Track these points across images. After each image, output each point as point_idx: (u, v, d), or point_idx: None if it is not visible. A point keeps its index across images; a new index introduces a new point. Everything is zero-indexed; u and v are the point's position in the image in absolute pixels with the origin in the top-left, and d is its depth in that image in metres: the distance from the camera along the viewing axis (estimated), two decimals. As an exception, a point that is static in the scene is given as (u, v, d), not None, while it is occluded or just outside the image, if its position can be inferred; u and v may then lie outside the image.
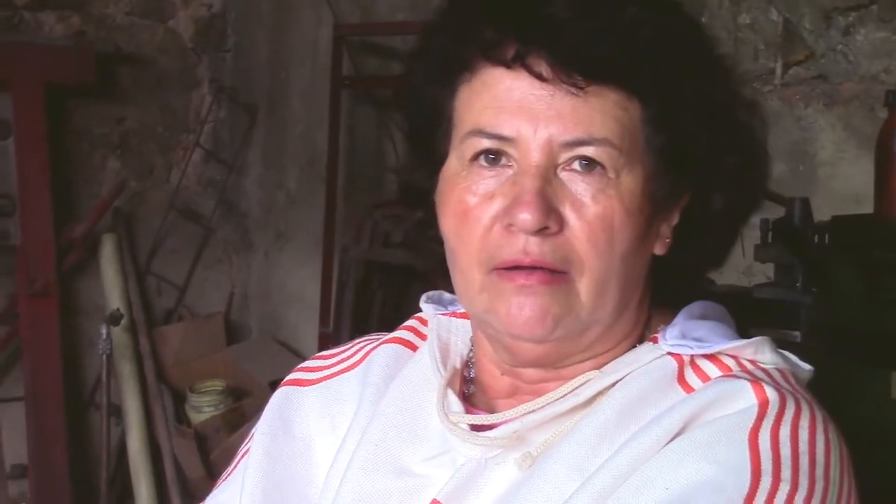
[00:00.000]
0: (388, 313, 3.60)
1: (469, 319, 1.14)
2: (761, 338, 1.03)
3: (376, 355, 1.20)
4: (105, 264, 4.18)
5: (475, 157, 1.01)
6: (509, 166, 1.00)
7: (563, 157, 0.99)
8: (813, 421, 0.97)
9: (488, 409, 1.09)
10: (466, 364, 1.14)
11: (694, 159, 1.03)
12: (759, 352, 1.03)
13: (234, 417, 3.96)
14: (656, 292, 1.10)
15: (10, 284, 3.99)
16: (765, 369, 1.02)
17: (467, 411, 1.08)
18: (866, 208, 2.17)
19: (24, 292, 3.90)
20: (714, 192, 1.06)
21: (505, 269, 1.00)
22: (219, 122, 4.51)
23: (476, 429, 1.05)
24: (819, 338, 2.02)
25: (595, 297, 1.01)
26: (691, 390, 1.01)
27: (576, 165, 0.99)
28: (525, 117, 0.98)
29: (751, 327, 1.20)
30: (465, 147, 1.02)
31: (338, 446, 1.14)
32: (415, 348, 1.19)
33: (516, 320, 1.00)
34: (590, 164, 0.99)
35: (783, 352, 1.05)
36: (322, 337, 3.79)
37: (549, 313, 1.00)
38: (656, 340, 1.06)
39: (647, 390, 1.01)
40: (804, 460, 0.94)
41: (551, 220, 0.98)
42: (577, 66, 0.97)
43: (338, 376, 1.21)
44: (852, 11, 2.74)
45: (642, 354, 1.05)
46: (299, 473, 1.17)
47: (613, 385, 1.03)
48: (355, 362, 1.22)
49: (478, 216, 1.01)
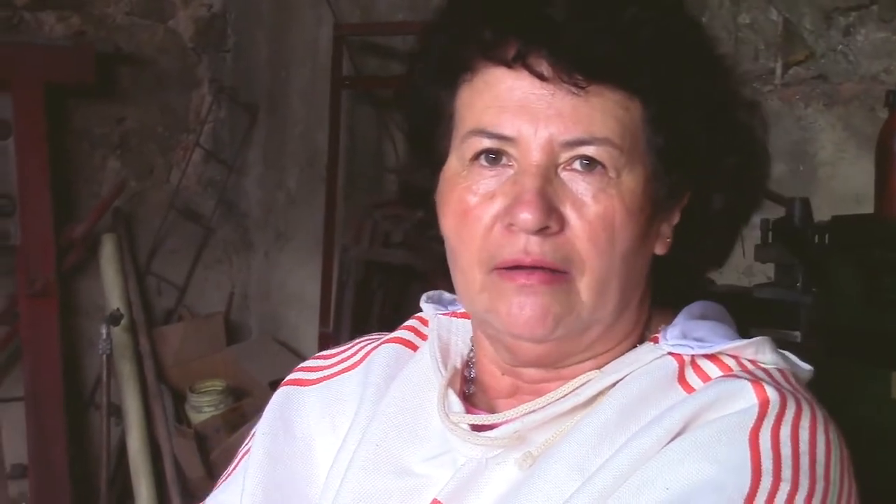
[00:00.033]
0: (388, 313, 3.60)
1: (469, 319, 1.15)
2: (762, 338, 1.03)
3: (377, 355, 1.20)
4: (105, 264, 4.18)
5: (476, 157, 1.01)
6: (510, 166, 1.00)
7: (564, 156, 0.99)
8: (814, 421, 0.97)
9: (489, 409, 1.09)
10: (467, 364, 1.14)
11: (694, 159, 1.03)
12: (759, 352, 1.03)
13: (234, 417, 3.96)
14: (657, 292, 1.10)
15: (10, 284, 3.99)
16: (765, 369, 1.02)
17: (468, 411, 1.08)
18: (866, 208, 2.17)
19: (24, 292, 3.89)
20: (714, 191, 1.07)
21: (506, 268, 1.00)
22: (219, 122, 4.51)
23: (476, 429, 1.05)
24: (819, 338, 2.02)
25: (596, 297, 1.01)
26: (692, 390, 1.01)
27: (576, 165, 0.99)
28: (526, 117, 0.98)
29: (751, 327, 1.19)
30: (466, 147, 1.02)
31: (338, 446, 1.14)
32: (415, 348, 1.19)
33: (517, 320, 1.00)
34: (590, 163, 0.99)
35: (783, 352, 1.05)
36: (322, 337, 3.78)
37: (550, 313, 1.00)
38: (657, 340, 1.06)
39: (648, 390, 1.01)
40: (805, 460, 0.94)
41: (552, 220, 0.98)
42: (577, 65, 0.97)
43: (338, 376, 1.21)
44: (852, 11, 2.73)
45: (643, 354, 1.05)
46: (300, 473, 1.17)
47: (614, 385, 1.03)
48: (356, 362, 1.22)
49: (478, 216, 1.01)
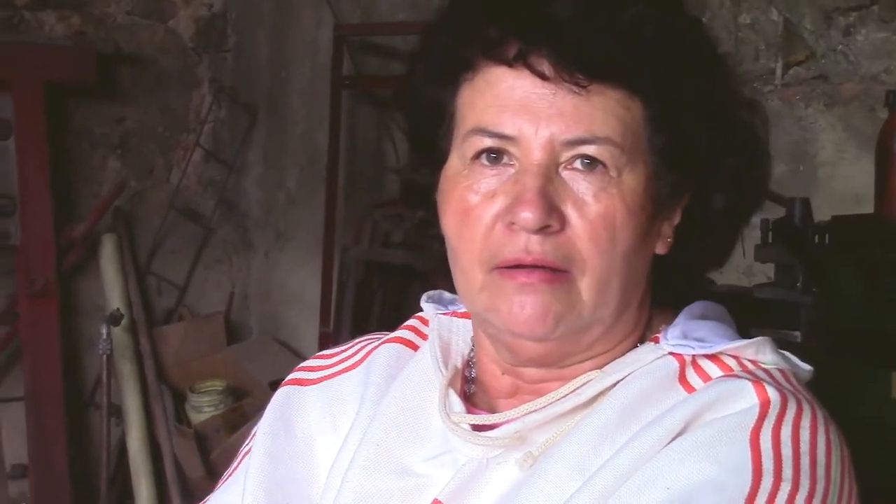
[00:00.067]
0: (389, 313, 3.60)
1: (470, 319, 1.15)
2: (762, 338, 1.03)
3: (377, 355, 1.20)
4: (105, 264, 4.18)
5: (477, 156, 1.01)
6: (511, 165, 1.00)
7: (565, 155, 0.99)
8: (814, 421, 0.97)
9: (489, 408, 1.09)
10: (467, 364, 1.14)
11: (695, 158, 1.03)
12: (760, 352, 1.02)
13: (235, 417, 3.96)
14: (657, 292, 1.10)
15: (10, 284, 3.99)
16: (766, 369, 1.02)
17: (468, 411, 1.08)
18: (866, 208, 2.17)
19: (24, 292, 3.89)
20: (715, 191, 1.06)
21: (506, 267, 1.00)
22: (219, 122, 4.51)
23: (477, 429, 1.05)
24: (819, 338, 2.02)
25: (597, 296, 1.00)
26: (693, 390, 1.01)
27: (577, 164, 0.99)
28: (527, 116, 0.98)
29: (751, 327, 1.19)
30: (467, 146, 1.02)
31: (339, 446, 1.14)
32: (416, 348, 1.19)
33: (517, 318, 1.00)
34: (591, 162, 0.99)
35: (783, 352, 1.05)
36: (322, 337, 3.79)
37: (551, 311, 0.99)
38: (658, 340, 1.05)
39: (649, 390, 1.01)
40: (805, 460, 0.94)
41: (553, 219, 0.98)
42: (578, 64, 0.97)
43: (339, 376, 1.21)
44: (853, 12, 2.73)
45: (644, 354, 1.05)
46: (301, 473, 1.16)
47: (615, 385, 1.03)
48: (356, 362, 1.22)
49: (479, 215, 1.00)
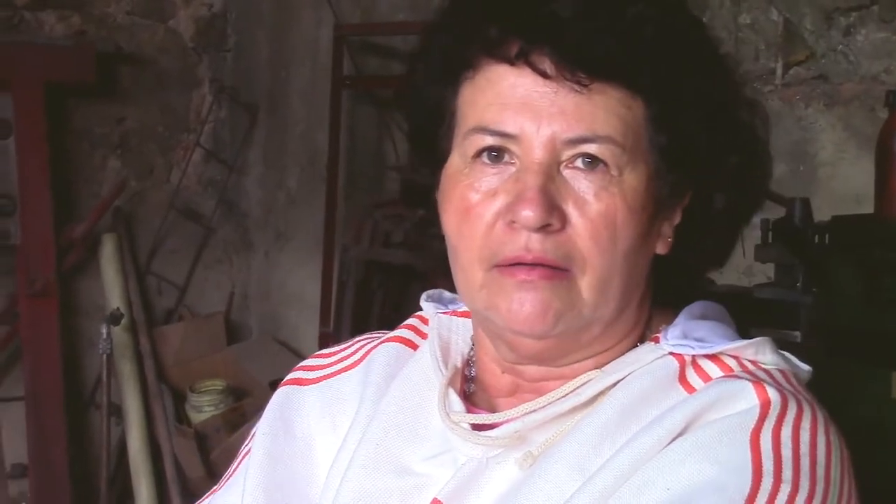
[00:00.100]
0: (389, 313, 3.60)
1: (470, 318, 1.14)
2: (762, 338, 1.03)
3: (377, 354, 1.20)
4: (105, 264, 4.18)
5: (478, 155, 1.01)
6: (512, 163, 1.00)
7: (566, 154, 0.99)
8: (814, 422, 0.97)
9: (489, 407, 1.09)
10: (467, 363, 1.14)
11: (696, 158, 1.03)
12: (760, 352, 1.02)
13: (235, 417, 3.96)
14: (657, 292, 1.10)
15: (10, 284, 3.99)
16: (766, 370, 1.02)
17: (468, 410, 1.08)
18: (866, 208, 2.17)
19: (24, 292, 3.89)
20: (716, 191, 1.07)
21: (506, 265, 1.00)
22: (219, 122, 4.52)
23: (477, 428, 1.05)
24: (819, 338, 2.02)
25: (597, 295, 1.00)
26: (693, 390, 1.01)
27: (578, 163, 0.99)
28: (528, 114, 0.98)
29: (751, 327, 1.19)
30: (468, 144, 1.02)
31: (339, 445, 1.14)
32: (415, 347, 1.19)
33: (517, 316, 1.00)
34: (593, 161, 0.99)
35: (783, 352, 1.05)
36: (322, 337, 3.79)
37: (551, 308, 0.99)
38: (658, 340, 1.05)
39: (649, 390, 1.01)
40: (805, 461, 0.94)
41: (554, 218, 0.97)
42: (580, 63, 0.97)
43: (338, 375, 1.21)
44: (853, 12, 2.73)
45: (644, 354, 1.04)
46: (300, 473, 1.16)
47: (615, 385, 1.03)
48: (356, 361, 1.21)
49: (480, 213, 1.00)
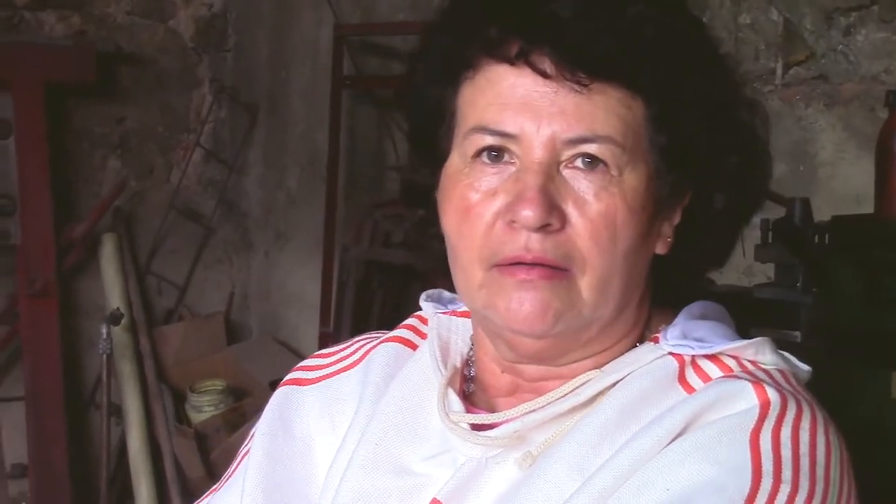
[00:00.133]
0: (389, 313, 3.60)
1: (469, 318, 1.14)
2: (762, 338, 1.03)
3: (376, 354, 1.20)
4: (105, 264, 4.18)
5: (478, 154, 1.01)
6: (512, 163, 1.00)
7: (566, 154, 0.99)
8: (814, 422, 0.97)
9: (488, 407, 1.09)
10: (466, 363, 1.14)
11: (696, 158, 1.03)
12: (759, 352, 1.02)
13: (235, 417, 3.96)
14: (657, 292, 1.10)
15: (10, 284, 3.99)
16: (766, 370, 1.02)
17: (468, 410, 1.08)
18: (866, 208, 2.17)
19: (24, 292, 3.89)
20: (716, 191, 1.07)
21: (506, 265, 1.00)
22: (219, 122, 4.52)
23: (476, 428, 1.05)
24: (819, 338, 2.02)
25: (597, 295, 1.00)
26: (692, 390, 1.00)
27: (578, 163, 0.99)
28: (528, 114, 0.98)
29: (751, 327, 1.19)
30: (468, 144, 1.02)
31: (338, 446, 1.14)
32: (415, 347, 1.19)
33: (517, 315, 1.00)
34: (593, 161, 0.99)
35: (783, 353, 1.05)
36: (322, 337, 3.79)
37: (551, 308, 0.99)
38: (657, 340, 1.05)
39: (648, 390, 1.01)
40: (805, 462, 0.94)
41: (553, 217, 0.97)
42: (580, 63, 0.97)
43: (337, 375, 1.21)
44: (853, 12, 2.73)
45: (643, 354, 1.04)
46: (299, 473, 1.16)
47: (614, 385, 1.03)
48: (355, 361, 1.21)
49: (480, 213, 1.00)
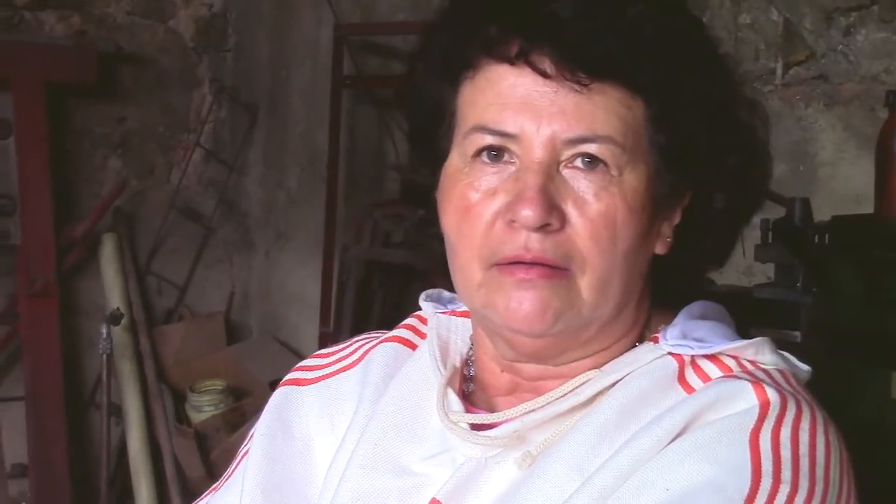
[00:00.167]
0: (389, 313, 3.60)
1: (469, 318, 1.14)
2: (762, 338, 1.03)
3: (375, 354, 1.20)
4: (105, 264, 4.18)
5: (477, 154, 1.01)
6: (511, 163, 1.00)
7: (566, 154, 0.99)
8: (813, 422, 0.97)
9: (488, 407, 1.09)
10: (466, 362, 1.14)
11: (696, 158, 1.03)
12: (759, 352, 1.02)
13: (235, 417, 3.96)
14: (657, 292, 1.10)
15: (10, 284, 3.99)
16: (765, 370, 1.02)
17: (467, 410, 1.08)
18: (866, 208, 2.17)
19: (25, 292, 3.89)
20: (716, 191, 1.07)
21: (505, 264, 1.00)
22: (219, 122, 4.52)
23: (476, 428, 1.05)
24: (819, 338, 2.02)
25: (597, 295, 1.00)
26: (692, 390, 1.00)
27: (578, 163, 0.99)
28: (528, 114, 0.98)
29: (751, 327, 1.19)
30: (468, 143, 1.02)
31: (337, 446, 1.14)
32: (414, 347, 1.19)
33: (516, 315, 1.00)
34: (592, 161, 0.99)
35: (783, 352, 1.05)
36: (322, 336, 3.79)
37: (550, 307, 0.99)
38: (657, 340, 1.05)
39: (648, 390, 1.01)
40: (804, 462, 0.94)
41: (553, 217, 0.97)
42: (580, 63, 0.97)
43: (336, 375, 1.21)
44: (853, 12, 2.73)
45: (643, 354, 1.04)
46: (298, 474, 1.16)
47: (614, 385, 1.03)
48: (354, 361, 1.21)
49: (479, 212, 1.00)
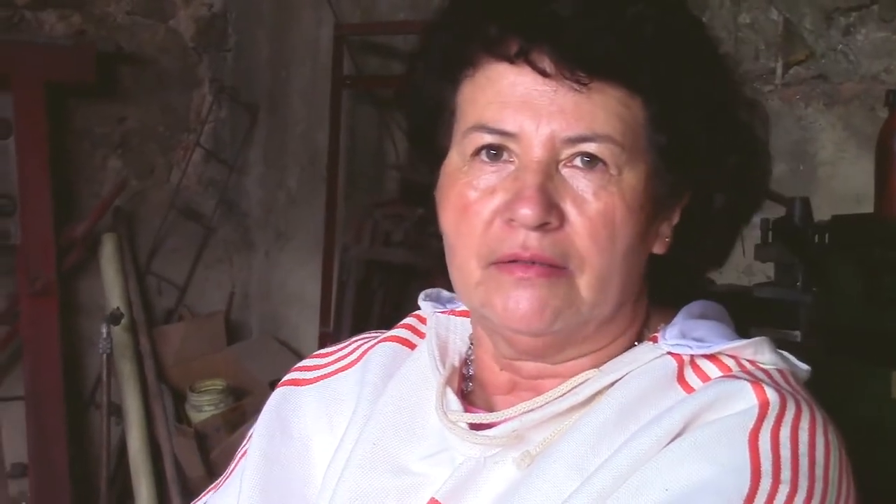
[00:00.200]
0: (389, 312, 3.60)
1: (468, 317, 1.14)
2: (761, 338, 1.03)
3: (374, 354, 1.20)
4: (105, 264, 4.18)
5: (477, 153, 1.01)
6: (511, 162, 1.00)
7: (565, 153, 0.99)
8: (813, 422, 0.97)
9: (487, 406, 1.09)
10: (465, 362, 1.14)
11: (695, 158, 1.03)
12: (758, 352, 1.02)
13: (235, 417, 3.96)
14: (656, 291, 1.09)
15: (10, 284, 3.99)
16: (765, 370, 1.02)
17: (466, 410, 1.08)
18: (866, 208, 2.17)
19: (25, 292, 3.89)
20: (715, 191, 1.06)
21: (504, 262, 1.00)
22: (219, 122, 4.51)
23: (475, 427, 1.05)
24: (819, 337, 2.02)
25: (596, 294, 1.00)
26: (691, 390, 1.00)
27: (577, 162, 0.99)
28: (528, 113, 0.98)
29: (751, 327, 1.20)
30: (467, 142, 1.02)
31: (336, 445, 1.14)
32: (413, 346, 1.19)
33: (514, 314, 1.00)
34: (592, 160, 0.99)
35: (782, 352, 1.05)
36: (322, 336, 3.79)
37: (549, 306, 0.99)
38: (656, 340, 1.05)
39: (647, 390, 1.01)
40: (804, 462, 0.94)
41: (552, 216, 0.97)
42: (580, 62, 0.97)
43: (335, 375, 1.21)
44: (853, 11, 2.73)
45: (642, 354, 1.04)
46: (297, 474, 1.16)
47: (613, 384, 1.03)
48: (353, 361, 1.21)
49: (478, 211, 1.00)
